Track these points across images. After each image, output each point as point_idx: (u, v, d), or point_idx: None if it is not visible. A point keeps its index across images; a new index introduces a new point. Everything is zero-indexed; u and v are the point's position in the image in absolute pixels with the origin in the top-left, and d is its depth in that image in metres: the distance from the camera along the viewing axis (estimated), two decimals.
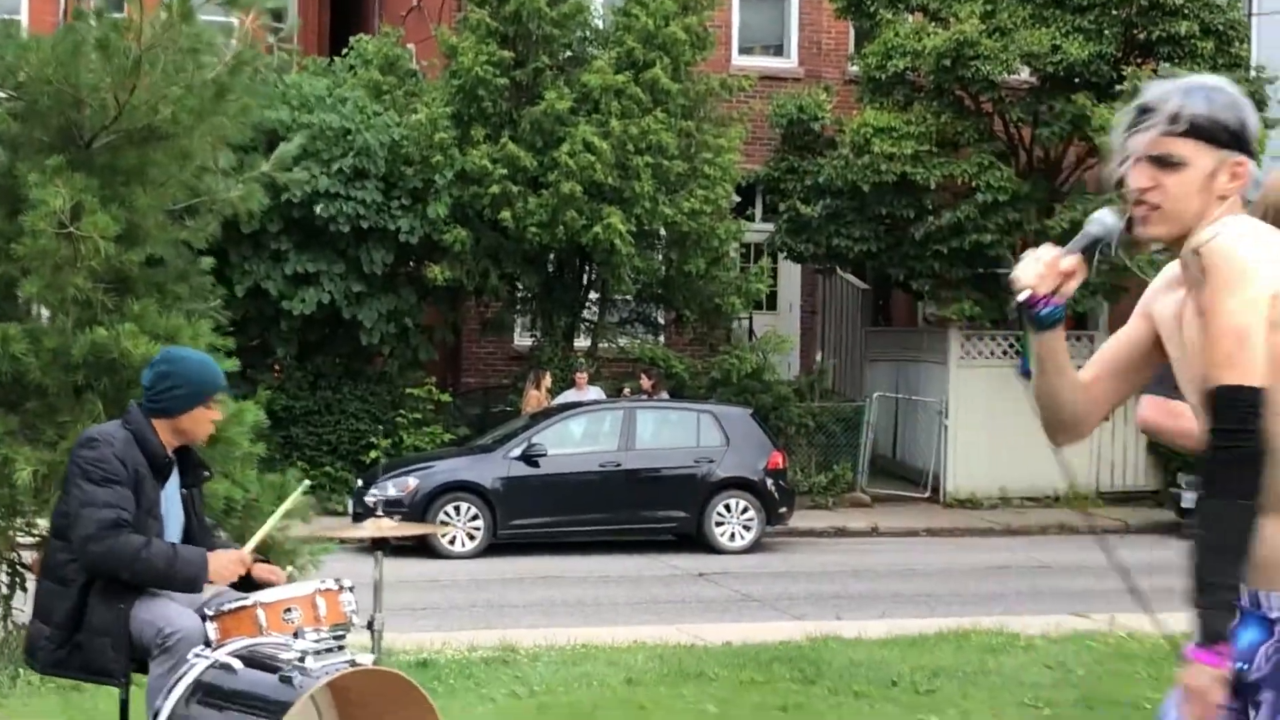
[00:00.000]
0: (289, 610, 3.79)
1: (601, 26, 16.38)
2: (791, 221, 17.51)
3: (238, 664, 3.51)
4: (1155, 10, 15.39)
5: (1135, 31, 15.69)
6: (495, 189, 14.47)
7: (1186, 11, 15.31)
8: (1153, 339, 2.39)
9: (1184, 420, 2.75)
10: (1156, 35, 15.46)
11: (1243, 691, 2.19)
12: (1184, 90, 2.21)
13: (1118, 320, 9.41)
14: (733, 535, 14.27)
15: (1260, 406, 2.07)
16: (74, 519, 3.67)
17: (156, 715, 3.51)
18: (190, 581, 3.64)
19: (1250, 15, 17.52)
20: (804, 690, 7.15)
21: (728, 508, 14.30)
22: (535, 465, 14.08)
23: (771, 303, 19.44)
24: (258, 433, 6.87)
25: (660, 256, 16.53)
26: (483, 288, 15.74)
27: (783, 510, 14.64)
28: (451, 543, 13.74)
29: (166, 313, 6.16)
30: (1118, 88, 14.96)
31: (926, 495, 17.57)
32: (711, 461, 14.43)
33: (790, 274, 19.98)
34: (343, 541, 7.55)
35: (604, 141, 14.48)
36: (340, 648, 3.77)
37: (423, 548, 13.63)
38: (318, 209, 14.41)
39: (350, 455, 15.60)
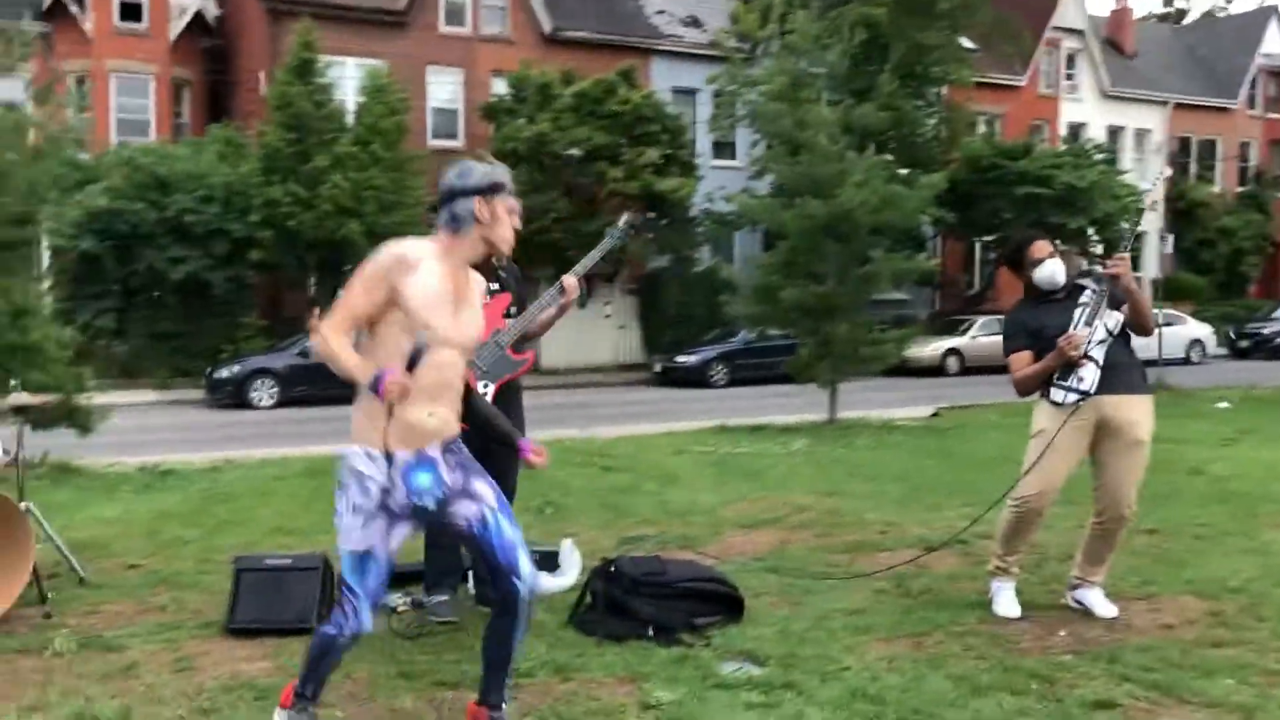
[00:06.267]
0: None
1: (350, 123, 21.93)
2: None
3: None
4: (639, 120, 22.93)
5: (630, 130, 23.17)
6: (286, 209, 20.63)
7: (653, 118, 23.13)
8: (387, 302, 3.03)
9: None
10: (639, 133, 22.99)
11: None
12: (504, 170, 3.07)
13: None
14: None
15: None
16: None
17: None
18: None
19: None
20: None
21: None
22: (307, 357, 17.52)
23: None
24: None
25: None
26: (282, 264, 21.74)
27: None
28: (260, 400, 18.37)
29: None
30: (620, 160, 22.66)
31: None
32: None
33: None
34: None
35: (345, 183, 20.51)
36: None
37: (243, 403, 18.22)
38: (186, 219, 20.50)
39: (207, 355, 20.64)
